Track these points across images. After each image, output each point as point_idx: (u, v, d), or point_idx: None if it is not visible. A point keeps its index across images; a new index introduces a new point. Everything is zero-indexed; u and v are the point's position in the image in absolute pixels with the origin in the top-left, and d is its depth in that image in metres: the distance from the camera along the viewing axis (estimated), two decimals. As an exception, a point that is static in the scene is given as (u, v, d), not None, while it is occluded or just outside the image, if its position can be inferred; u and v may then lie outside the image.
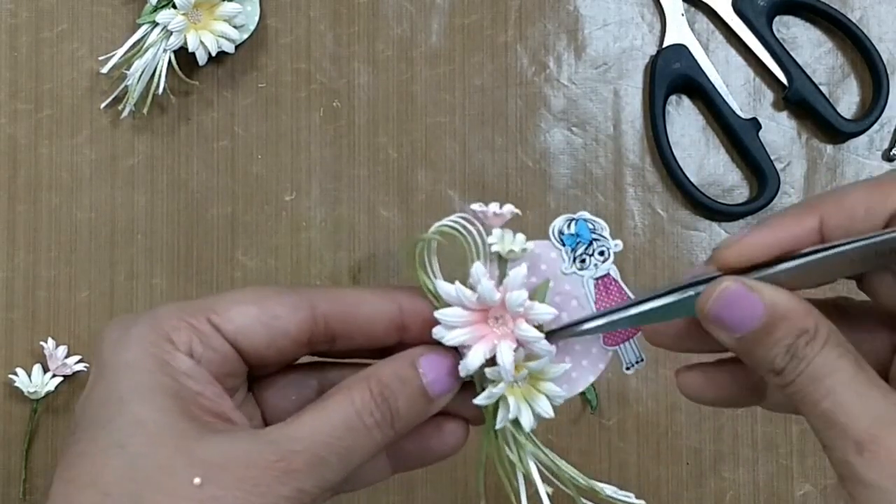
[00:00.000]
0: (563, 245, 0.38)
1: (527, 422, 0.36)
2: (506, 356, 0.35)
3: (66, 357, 0.53)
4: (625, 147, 0.55)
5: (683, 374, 0.37)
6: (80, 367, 0.53)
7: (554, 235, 0.38)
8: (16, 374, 0.53)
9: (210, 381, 0.34)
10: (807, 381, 0.32)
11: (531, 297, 0.36)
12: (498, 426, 0.36)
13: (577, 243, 0.38)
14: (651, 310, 0.36)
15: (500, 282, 0.36)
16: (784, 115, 0.56)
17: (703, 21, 0.56)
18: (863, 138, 0.56)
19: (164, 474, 0.31)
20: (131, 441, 0.32)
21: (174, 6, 0.52)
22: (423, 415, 0.35)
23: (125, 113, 0.54)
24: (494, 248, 0.36)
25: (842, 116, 0.55)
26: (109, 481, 0.32)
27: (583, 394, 0.54)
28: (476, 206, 0.36)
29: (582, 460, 0.54)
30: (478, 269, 0.35)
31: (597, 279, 0.38)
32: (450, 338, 0.35)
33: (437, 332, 0.35)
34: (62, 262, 0.55)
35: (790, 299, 0.33)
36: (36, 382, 0.53)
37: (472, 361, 0.35)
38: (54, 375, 0.53)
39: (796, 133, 0.56)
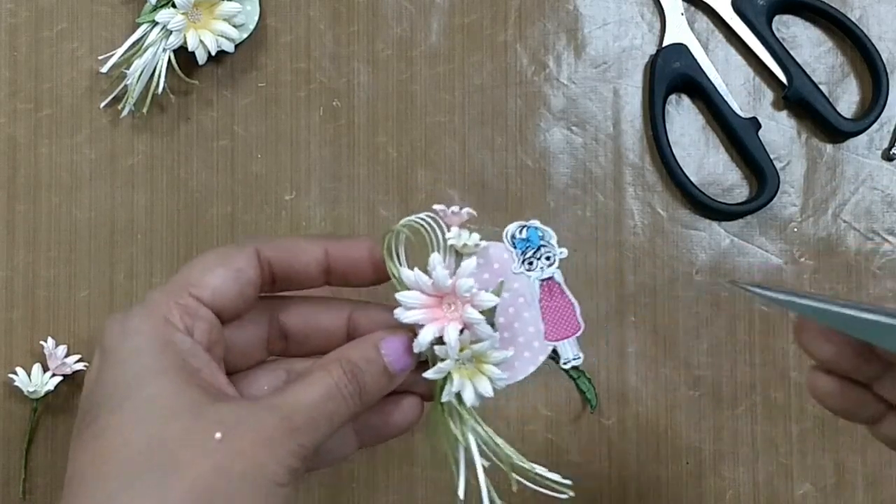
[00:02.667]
0: (515, 248, 0.44)
1: (469, 398, 0.41)
2: (451, 335, 0.40)
3: (66, 356, 0.53)
4: (624, 146, 0.55)
5: (818, 377, 0.39)
6: (80, 366, 0.53)
7: (507, 239, 0.44)
8: (15, 373, 0.53)
9: (206, 358, 0.38)
10: None
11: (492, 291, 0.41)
12: (443, 399, 0.41)
13: (527, 247, 0.44)
14: (880, 323, 0.35)
15: (454, 272, 0.41)
16: (784, 114, 0.56)
17: (702, 20, 0.56)
18: (862, 138, 0.56)
19: (188, 434, 0.35)
20: (151, 414, 0.36)
21: (174, 5, 0.52)
22: (385, 389, 0.40)
23: (125, 112, 0.54)
24: (451, 243, 0.41)
25: (841, 116, 0.55)
26: (139, 446, 0.35)
27: (583, 393, 0.54)
28: (438, 207, 0.41)
29: (582, 460, 0.54)
30: (435, 258, 0.41)
31: (542, 281, 0.44)
32: (406, 317, 0.41)
33: (398, 312, 0.41)
34: (62, 262, 0.55)
35: None
36: (35, 382, 0.53)
37: (424, 338, 0.40)
38: (54, 375, 0.53)
39: (796, 132, 0.56)
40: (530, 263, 0.44)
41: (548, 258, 0.44)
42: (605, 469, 0.54)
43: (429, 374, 0.41)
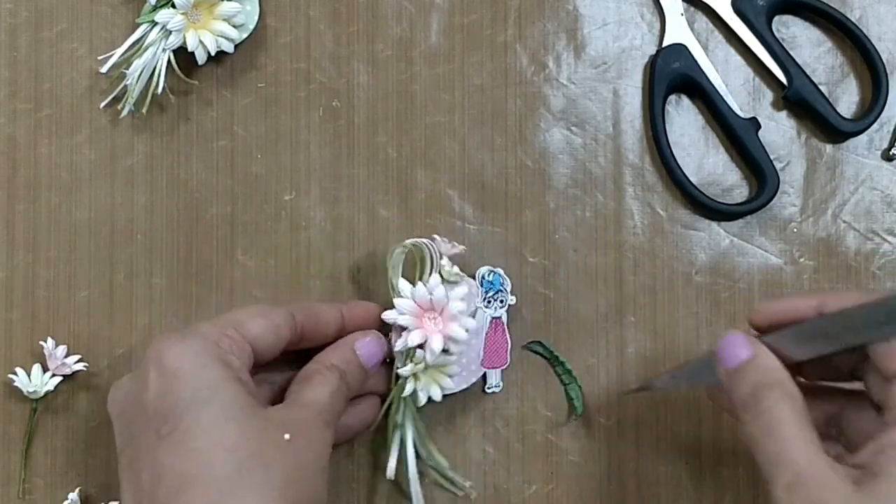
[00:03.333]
0: (481, 286, 0.53)
1: (422, 398, 0.51)
2: (436, 345, 0.49)
3: (66, 356, 0.53)
4: (624, 146, 0.55)
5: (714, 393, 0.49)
6: (80, 366, 0.53)
7: (479, 278, 0.53)
8: (15, 373, 0.53)
9: (246, 373, 0.45)
10: (765, 422, 0.40)
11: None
12: (405, 394, 0.50)
13: (490, 288, 0.53)
14: (694, 368, 0.49)
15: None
16: (783, 114, 0.56)
17: (702, 21, 0.56)
18: (862, 138, 0.56)
19: (263, 434, 0.43)
20: (231, 417, 0.43)
21: (173, 6, 0.52)
22: (362, 383, 0.50)
23: (124, 112, 0.54)
24: (442, 270, 0.50)
25: (841, 116, 0.55)
26: (228, 444, 0.42)
27: (571, 400, 0.54)
28: (437, 237, 0.51)
29: (582, 460, 0.54)
30: (435, 279, 0.49)
31: (492, 318, 0.53)
32: (399, 319, 0.49)
33: (388, 314, 0.50)
34: (61, 262, 0.55)
35: (771, 355, 0.43)
36: (35, 382, 0.53)
37: (412, 340, 0.49)
38: (54, 375, 0.53)
39: (796, 132, 0.56)
40: (489, 301, 0.53)
41: (501, 301, 0.53)
42: (605, 469, 0.54)
43: (404, 370, 0.50)
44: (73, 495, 0.53)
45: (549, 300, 0.55)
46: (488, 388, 0.54)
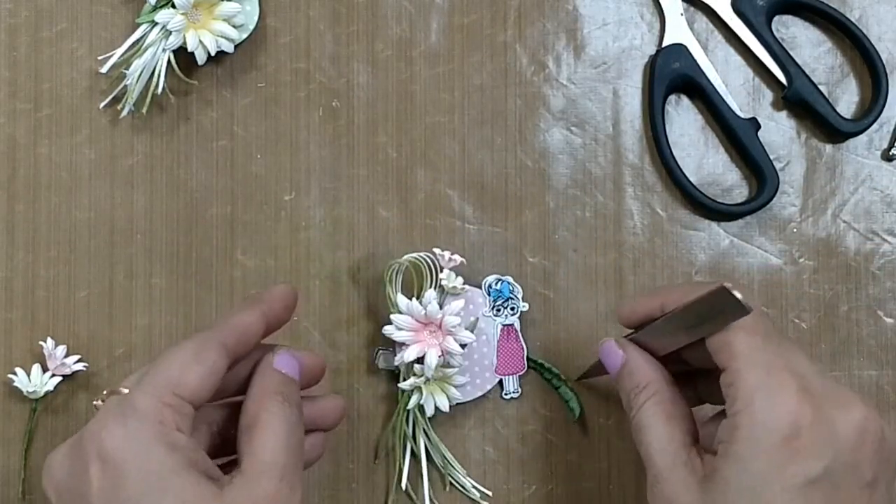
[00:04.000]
0: (489, 295, 0.54)
1: (430, 409, 0.52)
2: (432, 359, 0.50)
3: (66, 357, 0.53)
4: (624, 147, 0.55)
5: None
6: (80, 366, 0.53)
7: (485, 287, 0.54)
8: (15, 373, 0.53)
9: (195, 447, 0.41)
10: (636, 424, 0.44)
11: (467, 327, 0.51)
12: (410, 406, 0.52)
13: (499, 297, 0.54)
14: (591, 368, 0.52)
15: (440, 306, 0.51)
16: (783, 114, 0.56)
17: (702, 21, 0.56)
18: (862, 138, 0.56)
19: None
20: None
21: (173, 6, 0.52)
22: (293, 393, 0.45)
23: (124, 112, 0.54)
24: (443, 283, 0.51)
25: (841, 116, 0.55)
26: None
27: (566, 402, 0.54)
28: (437, 250, 0.52)
29: (582, 460, 0.54)
30: (430, 294, 0.51)
31: (504, 325, 0.54)
32: (396, 335, 0.51)
33: (388, 329, 0.51)
34: (61, 262, 0.55)
35: (640, 358, 0.46)
36: (35, 382, 0.53)
37: (409, 355, 0.51)
38: (53, 375, 0.53)
39: (795, 133, 0.56)
40: (498, 310, 0.54)
41: (512, 309, 0.54)
42: (605, 469, 0.54)
43: (403, 385, 0.51)
44: (73, 495, 0.53)
45: (549, 300, 0.55)
46: (506, 395, 0.54)
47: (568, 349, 0.54)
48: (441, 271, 0.51)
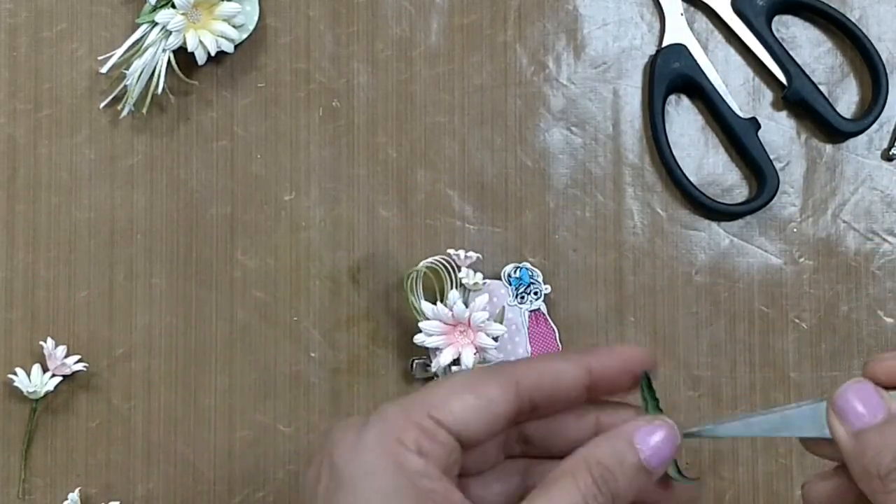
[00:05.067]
0: (510, 285, 0.54)
1: None
2: (468, 358, 0.51)
3: (66, 357, 0.53)
4: (624, 147, 0.55)
5: (814, 487, 0.38)
6: (80, 366, 0.53)
7: (504, 277, 0.54)
8: (15, 373, 0.53)
9: (439, 477, 0.35)
10: None
11: (495, 319, 0.51)
12: None
13: (520, 284, 0.54)
14: (784, 416, 0.37)
15: (465, 305, 0.51)
16: (783, 114, 0.56)
17: (702, 21, 0.56)
18: (862, 138, 0.56)
19: None
20: None
21: (173, 6, 0.52)
22: (641, 489, 0.35)
23: (124, 113, 0.54)
24: (463, 282, 0.52)
25: (841, 116, 0.55)
26: None
27: (645, 401, 0.53)
28: (451, 251, 0.52)
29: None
30: (454, 294, 0.51)
31: (530, 312, 0.53)
32: (428, 342, 0.51)
33: (419, 338, 0.51)
34: (61, 262, 0.55)
35: None
36: (35, 382, 0.53)
37: (445, 359, 0.51)
38: (53, 375, 0.53)
39: (795, 133, 0.56)
40: (522, 297, 0.53)
41: (535, 293, 0.54)
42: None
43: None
44: (73, 495, 0.53)
45: (549, 300, 0.55)
46: None
47: (568, 349, 0.54)
48: (459, 270, 0.52)
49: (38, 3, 0.56)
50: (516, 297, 0.54)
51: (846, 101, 0.56)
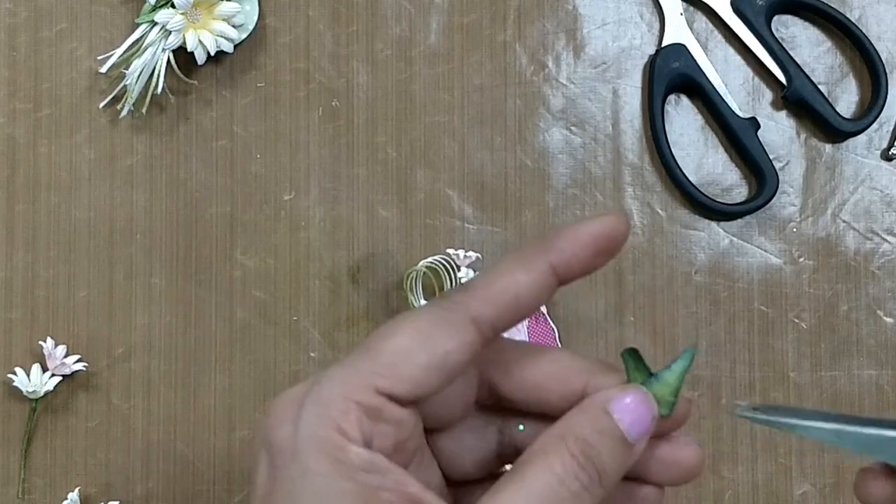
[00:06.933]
0: None
1: None
2: None
3: (65, 356, 0.53)
4: (624, 146, 0.55)
5: (867, 483, 0.34)
6: (79, 366, 0.53)
7: None
8: (14, 373, 0.53)
9: (388, 468, 0.30)
10: None
11: None
12: None
13: None
14: (884, 438, 0.33)
15: None
16: (783, 114, 0.56)
17: (702, 20, 0.56)
18: (862, 138, 0.56)
19: None
20: None
21: (173, 6, 0.52)
22: (626, 467, 0.31)
23: (124, 112, 0.54)
24: (463, 281, 0.52)
25: (841, 116, 0.55)
26: None
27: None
28: (451, 251, 0.53)
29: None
30: None
31: None
32: None
33: None
34: (61, 262, 0.55)
35: None
36: (35, 382, 0.53)
37: None
38: (53, 375, 0.53)
39: (795, 132, 0.56)
40: None
41: None
42: (605, 469, 0.54)
43: None
44: (73, 495, 0.53)
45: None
46: None
47: (567, 349, 0.54)
48: (458, 270, 0.52)
49: (38, 3, 0.56)
50: None
51: (846, 100, 0.56)
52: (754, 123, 0.55)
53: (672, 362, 0.32)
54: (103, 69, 0.54)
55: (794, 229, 0.55)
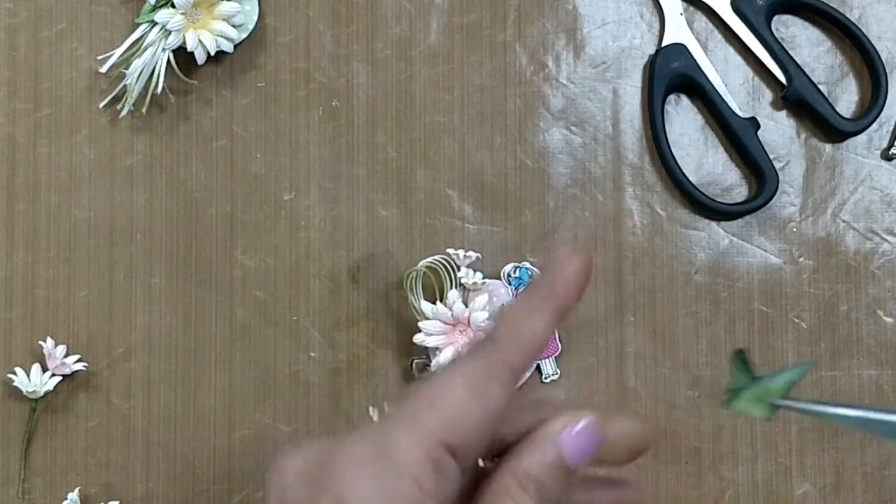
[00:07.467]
0: (510, 284, 0.54)
1: None
2: None
3: (65, 356, 0.53)
4: (624, 146, 0.55)
5: None
6: (79, 366, 0.53)
7: (504, 277, 0.54)
8: (15, 373, 0.53)
9: None
10: None
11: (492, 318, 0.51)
12: None
13: (520, 284, 0.54)
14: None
15: (465, 304, 0.52)
16: (783, 114, 0.56)
17: (702, 20, 0.56)
18: (862, 137, 0.56)
19: None
20: None
21: (173, 5, 0.52)
22: (568, 488, 0.33)
23: (124, 112, 0.54)
24: (462, 281, 0.52)
25: (841, 115, 0.55)
26: None
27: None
28: (451, 251, 0.52)
29: (581, 459, 0.54)
30: (453, 294, 0.52)
31: None
32: (428, 341, 0.52)
33: (419, 337, 0.52)
34: (61, 262, 0.55)
35: None
36: (35, 382, 0.53)
37: (444, 358, 0.51)
38: (53, 375, 0.53)
39: (795, 132, 0.56)
40: None
41: None
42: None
43: None
44: (73, 495, 0.53)
45: (548, 300, 0.55)
46: (546, 378, 0.54)
47: (567, 349, 0.54)
48: (458, 270, 0.52)
49: (38, 3, 0.56)
50: (516, 296, 0.54)
51: (846, 100, 0.56)
52: (754, 123, 0.55)
53: (783, 370, 0.34)
54: (103, 69, 0.54)
55: (794, 229, 0.55)
